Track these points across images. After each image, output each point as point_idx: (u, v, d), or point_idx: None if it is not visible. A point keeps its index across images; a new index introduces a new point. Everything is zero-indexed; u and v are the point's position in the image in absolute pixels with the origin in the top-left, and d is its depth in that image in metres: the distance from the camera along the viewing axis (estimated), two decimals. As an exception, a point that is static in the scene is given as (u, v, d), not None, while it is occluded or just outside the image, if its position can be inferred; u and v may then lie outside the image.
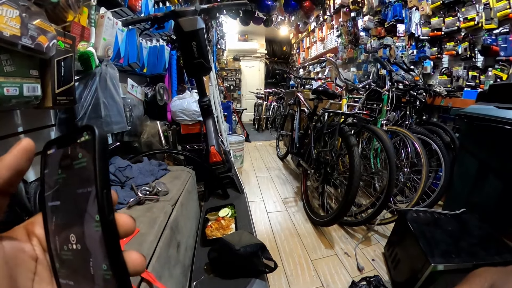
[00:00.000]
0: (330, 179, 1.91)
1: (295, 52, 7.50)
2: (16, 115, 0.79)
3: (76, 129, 0.20)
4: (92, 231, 0.18)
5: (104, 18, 1.01)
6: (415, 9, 2.58)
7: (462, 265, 0.97)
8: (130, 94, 1.46)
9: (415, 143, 1.69)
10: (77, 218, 0.19)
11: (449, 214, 1.30)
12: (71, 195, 0.20)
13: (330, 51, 4.94)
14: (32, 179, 0.85)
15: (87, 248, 0.19)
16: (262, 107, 6.05)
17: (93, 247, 0.18)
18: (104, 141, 0.19)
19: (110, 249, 0.18)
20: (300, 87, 3.86)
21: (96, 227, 0.18)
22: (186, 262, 0.98)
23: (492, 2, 1.83)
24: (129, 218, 0.21)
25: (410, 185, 1.89)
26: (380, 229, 1.75)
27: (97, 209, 0.18)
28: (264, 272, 0.85)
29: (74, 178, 0.20)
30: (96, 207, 0.18)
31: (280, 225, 1.85)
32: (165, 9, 1.81)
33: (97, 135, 0.19)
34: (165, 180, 1.14)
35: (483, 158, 1.41)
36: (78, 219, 0.19)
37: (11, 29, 0.52)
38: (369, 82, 2.16)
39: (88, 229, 0.19)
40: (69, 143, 0.21)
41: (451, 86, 2.22)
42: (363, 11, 3.56)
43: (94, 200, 0.18)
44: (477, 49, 2.01)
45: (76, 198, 0.19)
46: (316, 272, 1.37)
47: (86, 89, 0.93)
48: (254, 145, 4.55)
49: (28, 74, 0.63)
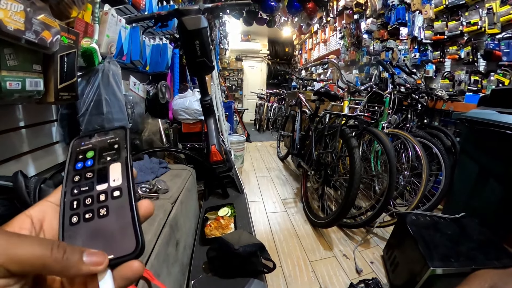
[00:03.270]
0: (330, 181, 1.90)
1: (298, 53, 7.51)
2: (18, 110, 0.79)
3: (109, 128, 0.30)
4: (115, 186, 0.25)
5: (108, 15, 1.01)
6: (418, 12, 2.57)
7: (461, 269, 0.96)
8: (132, 91, 1.46)
9: (416, 147, 1.69)
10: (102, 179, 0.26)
11: (449, 218, 1.30)
12: (100, 163, 0.27)
13: (333, 53, 4.94)
14: (33, 173, 0.85)
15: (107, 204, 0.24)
16: (263, 108, 6.05)
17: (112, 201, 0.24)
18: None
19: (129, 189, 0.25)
20: (302, 88, 3.86)
21: (118, 183, 0.25)
22: (185, 261, 0.98)
23: (495, 7, 1.83)
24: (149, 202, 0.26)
25: (410, 188, 1.88)
26: (379, 231, 1.75)
27: (123, 169, 0.26)
28: (263, 272, 0.84)
29: (103, 153, 0.27)
30: (123, 168, 0.26)
31: (279, 225, 1.85)
32: (169, 7, 1.81)
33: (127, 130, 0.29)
34: (165, 178, 1.14)
35: (484, 163, 1.41)
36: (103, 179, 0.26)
37: (15, 23, 0.52)
38: (371, 84, 2.16)
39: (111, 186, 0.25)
40: (101, 135, 0.29)
41: (453, 90, 2.22)
42: (366, 14, 3.56)
43: (123, 164, 0.27)
44: (479, 54, 2.01)
45: (105, 164, 0.26)
46: (314, 274, 1.37)
47: (88, 85, 0.93)
48: (254, 145, 4.55)
49: (31, 68, 0.63)
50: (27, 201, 0.63)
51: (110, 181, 0.25)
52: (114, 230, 0.23)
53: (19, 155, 0.79)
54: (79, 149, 0.27)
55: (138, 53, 1.39)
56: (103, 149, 0.27)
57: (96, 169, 0.26)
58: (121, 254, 0.21)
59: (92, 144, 0.28)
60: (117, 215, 0.23)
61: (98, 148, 0.27)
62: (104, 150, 0.27)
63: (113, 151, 0.27)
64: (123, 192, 0.24)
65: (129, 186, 0.25)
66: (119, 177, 0.25)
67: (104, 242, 0.22)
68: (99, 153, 0.27)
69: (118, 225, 0.23)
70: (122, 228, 0.23)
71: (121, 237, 0.22)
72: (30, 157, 0.84)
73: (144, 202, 0.26)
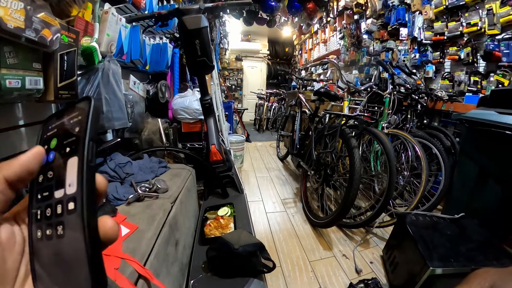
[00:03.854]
0: (330, 181, 1.90)
1: (298, 53, 7.51)
2: (18, 108, 0.79)
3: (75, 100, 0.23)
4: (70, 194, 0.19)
5: (108, 14, 1.01)
6: (418, 13, 2.58)
7: (460, 269, 0.96)
8: (132, 90, 1.45)
9: (416, 147, 1.69)
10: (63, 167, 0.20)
11: (448, 219, 1.30)
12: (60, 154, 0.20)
13: (333, 53, 4.94)
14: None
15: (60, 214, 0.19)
16: (263, 108, 6.05)
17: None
18: (97, 106, 0.21)
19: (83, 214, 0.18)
20: (301, 89, 3.86)
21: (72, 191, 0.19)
22: (184, 260, 0.98)
23: (495, 8, 1.83)
24: (114, 222, 0.20)
25: (410, 189, 1.88)
26: (379, 232, 1.75)
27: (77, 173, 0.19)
28: (262, 272, 0.84)
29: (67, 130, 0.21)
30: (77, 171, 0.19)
31: (279, 225, 1.85)
32: (169, 6, 1.81)
33: (93, 100, 0.21)
34: (165, 177, 1.14)
35: (484, 163, 1.41)
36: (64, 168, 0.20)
37: (15, 21, 0.52)
38: (371, 85, 2.16)
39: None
40: (64, 114, 0.22)
41: (452, 91, 2.22)
42: (367, 14, 3.56)
43: (76, 165, 0.19)
44: (479, 55, 2.01)
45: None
46: (314, 274, 1.37)
47: (88, 84, 0.93)
48: (254, 145, 4.55)
49: (31, 67, 0.63)
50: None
51: (66, 186, 0.19)
52: (69, 259, 0.18)
53: (18, 153, 0.79)
54: (46, 136, 0.22)
55: (138, 52, 1.39)
56: (64, 134, 0.20)
57: (55, 165, 0.20)
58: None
59: (57, 127, 0.21)
60: (70, 238, 0.18)
61: (60, 134, 0.21)
62: (65, 137, 0.20)
63: (72, 137, 0.20)
64: (77, 204, 0.18)
65: (83, 195, 0.18)
66: (73, 181, 0.19)
67: (63, 273, 0.18)
68: (60, 141, 0.20)
69: (72, 252, 0.17)
70: (76, 258, 0.17)
71: (76, 271, 0.17)
72: (29, 156, 0.83)
73: (107, 222, 0.19)
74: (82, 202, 0.18)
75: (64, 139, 0.20)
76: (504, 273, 0.24)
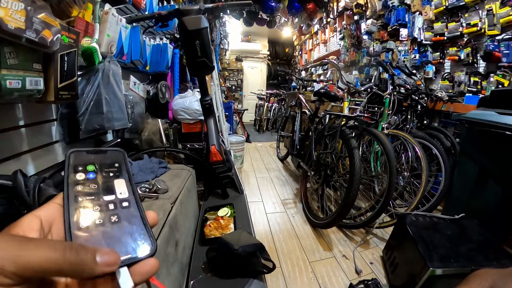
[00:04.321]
0: (330, 181, 1.90)
1: (298, 54, 7.51)
2: (18, 109, 0.79)
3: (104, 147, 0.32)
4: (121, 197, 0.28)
5: (109, 14, 1.01)
6: (418, 13, 2.58)
7: (460, 269, 0.96)
8: (132, 91, 1.46)
9: (416, 147, 1.69)
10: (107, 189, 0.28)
11: (448, 219, 1.30)
12: (102, 176, 0.29)
13: (333, 53, 4.95)
14: (32, 173, 0.85)
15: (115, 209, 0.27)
16: (263, 108, 6.05)
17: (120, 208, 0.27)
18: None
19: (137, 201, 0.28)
20: (302, 89, 3.86)
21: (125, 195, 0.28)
22: (184, 261, 0.98)
23: (495, 8, 1.83)
24: (155, 214, 0.29)
25: (410, 189, 1.88)
26: (379, 232, 1.75)
27: (128, 185, 0.29)
28: (262, 273, 0.84)
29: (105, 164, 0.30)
30: (128, 184, 0.29)
31: (279, 226, 1.85)
32: (169, 7, 1.81)
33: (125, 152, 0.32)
34: (165, 178, 1.14)
35: (483, 164, 1.41)
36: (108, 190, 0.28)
37: (15, 22, 0.52)
38: (371, 85, 2.16)
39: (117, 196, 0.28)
40: (99, 152, 0.31)
41: (452, 91, 2.22)
42: (367, 15, 3.57)
43: (127, 180, 0.30)
44: (479, 55, 2.02)
45: (106, 178, 0.29)
46: (314, 274, 1.36)
47: (88, 85, 0.93)
48: (254, 145, 4.55)
49: (31, 67, 0.63)
50: (26, 200, 0.62)
51: (117, 193, 0.28)
52: (127, 235, 0.25)
53: (19, 154, 0.79)
54: (78, 162, 0.29)
55: (138, 53, 1.39)
56: (104, 165, 0.30)
57: (100, 181, 0.28)
58: (139, 255, 0.24)
59: (91, 159, 0.30)
60: (129, 222, 0.26)
61: (98, 164, 0.29)
62: (106, 167, 0.30)
63: (114, 168, 0.30)
64: (131, 203, 0.28)
65: (137, 200, 0.28)
66: (125, 191, 0.28)
67: (119, 244, 0.24)
68: (100, 168, 0.29)
69: (131, 230, 0.25)
70: (135, 233, 0.25)
71: (135, 241, 0.25)
72: (29, 156, 0.83)
73: (151, 213, 0.28)
74: (137, 202, 0.28)
75: (104, 167, 0.29)
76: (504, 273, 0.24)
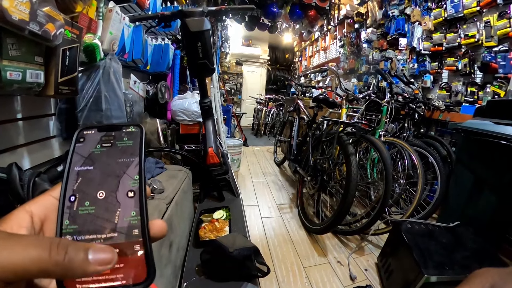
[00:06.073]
0: (326, 187, 1.90)
1: (298, 60, 7.58)
2: (17, 101, 0.78)
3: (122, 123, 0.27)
4: (128, 187, 0.23)
5: (112, 12, 1.02)
6: (418, 24, 2.63)
7: (455, 277, 0.97)
8: (132, 90, 1.45)
9: (412, 155, 1.70)
10: (112, 179, 0.23)
11: (444, 227, 1.30)
12: (109, 163, 0.24)
13: (332, 60, 5.00)
14: (27, 167, 0.84)
15: (117, 201, 0.23)
16: (261, 113, 6.07)
17: (124, 199, 0.23)
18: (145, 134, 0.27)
19: (141, 198, 0.23)
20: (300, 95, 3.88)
21: (133, 184, 0.23)
22: (178, 263, 0.97)
23: (492, 21, 1.87)
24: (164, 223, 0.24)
25: (406, 197, 1.89)
26: (374, 239, 1.75)
27: (137, 171, 0.24)
28: (257, 277, 0.84)
29: (115, 151, 0.25)
30: (137, 170, 0.24)
31: (274, 230, 1.84)
32: (173, 8, 1.82)
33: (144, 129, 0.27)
34: (161, 178, 1.13)
35: (479, 172, 1.42)
36: (113, 179, 0.23)
37: (20, 14, 0.52)
38: (369, 93, 2.18)
39: (123, 186, 0.23)
40: (113, 129, 0.26)
41: (449, 101, 2.25)
42: (367, 23, 3.63)
43: (136, 166, 0.24)
44: (476, 66, 2.05)
45: (115, 165, 0.24)
46: (308, 280, 1.35)
47: (88, 81, 0.93)
48: (251, 149, 4.54)
49: (33, 60, 0.63)
50: (20, 193, 0.61)
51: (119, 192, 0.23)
52: (124, 250, 0.21)
53: (15, 147, 0.78)
54: (86, 146, 0.25)
55: (140, 52, 1.39)
56: (113, 152, 0.25)
57: (105, 174, 0.24)
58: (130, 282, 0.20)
59: (101, 141, 0.25)
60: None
61: (108, 149, 0.25)
62: (115, 154, 0.24)
63: (125, 158, 0.24)
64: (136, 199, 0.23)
65: (142, 202, 0.23)
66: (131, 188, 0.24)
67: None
68: (108, 155, 0.24)
69: (128, 243, 0.21)
70: (133, 250, 0.21)
71: (131, 261, 0.20)
72: (25, 150, 0.83)
73: (157, 222, 0.23)
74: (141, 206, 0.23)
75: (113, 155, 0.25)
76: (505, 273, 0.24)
